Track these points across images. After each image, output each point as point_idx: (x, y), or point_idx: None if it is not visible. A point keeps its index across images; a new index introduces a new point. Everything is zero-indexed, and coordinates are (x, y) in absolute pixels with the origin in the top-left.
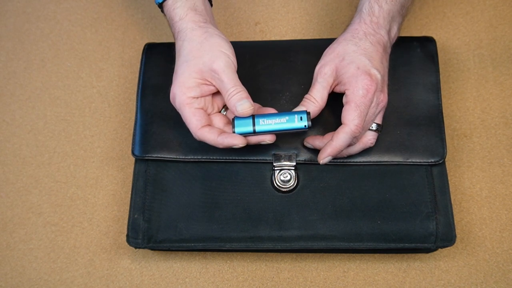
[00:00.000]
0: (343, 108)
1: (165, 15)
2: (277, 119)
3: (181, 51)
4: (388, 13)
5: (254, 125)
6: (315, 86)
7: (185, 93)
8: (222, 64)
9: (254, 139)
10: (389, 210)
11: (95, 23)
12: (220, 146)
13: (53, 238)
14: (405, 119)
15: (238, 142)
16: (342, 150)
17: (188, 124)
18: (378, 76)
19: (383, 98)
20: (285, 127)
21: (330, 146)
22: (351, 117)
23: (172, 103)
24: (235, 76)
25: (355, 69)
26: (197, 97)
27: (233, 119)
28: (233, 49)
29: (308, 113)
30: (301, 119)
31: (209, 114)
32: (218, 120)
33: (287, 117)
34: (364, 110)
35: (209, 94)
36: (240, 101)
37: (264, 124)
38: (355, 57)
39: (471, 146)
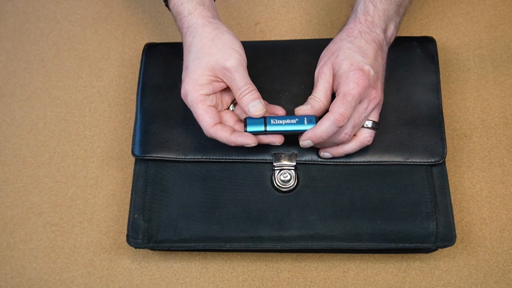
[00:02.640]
0: (333, 101)
1: (170, 9)
2: (288, 120)
3: (191, 47)
4: (383, 12)
5: (265, 125)
6: (318, 87)
7: (198, 90)
8: (235, 62)
9: (265, 140)
10: (389, 210)
11: (95, 23)
12: (232, 144)
13: (53, 238)
14: (405, 119)
15: (250, 141)
16: (323, 138)
17: (200, 122)
18: (371, 72)
19: (375, 95)
20: (295, 128)
21: (312, 130)
22: (336, 105)
23: (184, 100)
24: (246, 74)
25: (348, 65)
26: (210, 94)
27: (245, 119)
28: (243, 47)
29: (316, 117)
30: (310, 121)
31: (219, 111)
32: (229, 118)
33: (297, 119)
34: (351, 101)
35: (219, 91)
36: (253, 101)
37: (275, 124)
38: (349, 54)
39: (471, 146)
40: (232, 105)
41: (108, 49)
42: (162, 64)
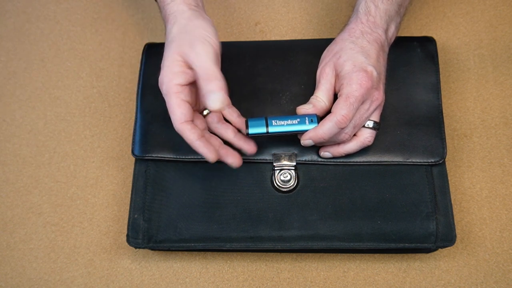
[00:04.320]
0: (336, 101)
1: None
2: (289, 120)
3: (169, 35)
4: (385, 12)
5: (267, 126)
6: (320, 88)
7: (172, 80)
8: (200, 47)
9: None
10: (389, 210)
11: (95, 23)
12: (195, 149)
13: (53, 238)
14: (405, 119)
15: (211, 158)
16: (324, 138)
17: (171, 114)
18: (374, 73)
19: (377, 96)
20: (296, 128)
21: (313, 130)
22: (339, 106)
23: (160, 89)
24: (214, 61)
25: (351, 66)
26: (184, 85)
27: (247, 120)
28: (217, 34)
29: (318, 117)
30: (311, 121)
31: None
32: (200, 123)
33: (298, 119)
34: (354, 103)
35: (193, 81)
36: (214, 92)
37: (277, 125)
38: (351, 54)
39: (471, 146)
40: (207, 110)
41: (108, 49)
42: None
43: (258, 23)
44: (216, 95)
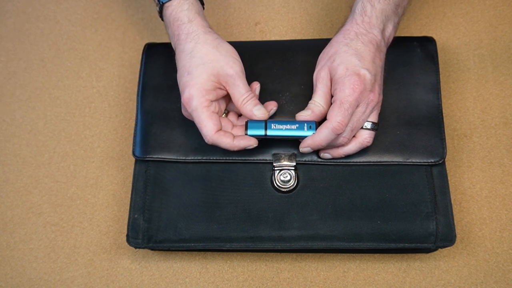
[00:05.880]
0: (330, 107)
1: (163, 15)
2: (288, 125)
3: (194, 52)
4: (381, 12)
5: (266, 129)
6: (317, 92)
7: (204, 96)
8: (238, 69)
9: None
10: (389, 210)
11: (95, 23)
12: (236, 149)
13: (53, 238)
14: (405, 119)
15: (252, 142)
16: (322, 145)
17: (203, 127)
18: (367, 76)
19: (372, 98)
20: (294, 133)
21: (311, 138)
22: (334, 113)
23: (186, 104)
24: (246, 82)
25: (344, 70)
26: (213, 101)
27: (247, 122)
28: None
29: (316, 124)
30: (310, 127)
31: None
32: (226, 124)
33: (297, 125)
34: (348, 109)
35: (220, 99)
36: (257, 106)
37: (276, 128)
38: (345, 57)
39: (471, 146)
40: (224, 113)
41: (108, 49)
42: (162, 64)
43: (258, 23)
44: (261, 107)
